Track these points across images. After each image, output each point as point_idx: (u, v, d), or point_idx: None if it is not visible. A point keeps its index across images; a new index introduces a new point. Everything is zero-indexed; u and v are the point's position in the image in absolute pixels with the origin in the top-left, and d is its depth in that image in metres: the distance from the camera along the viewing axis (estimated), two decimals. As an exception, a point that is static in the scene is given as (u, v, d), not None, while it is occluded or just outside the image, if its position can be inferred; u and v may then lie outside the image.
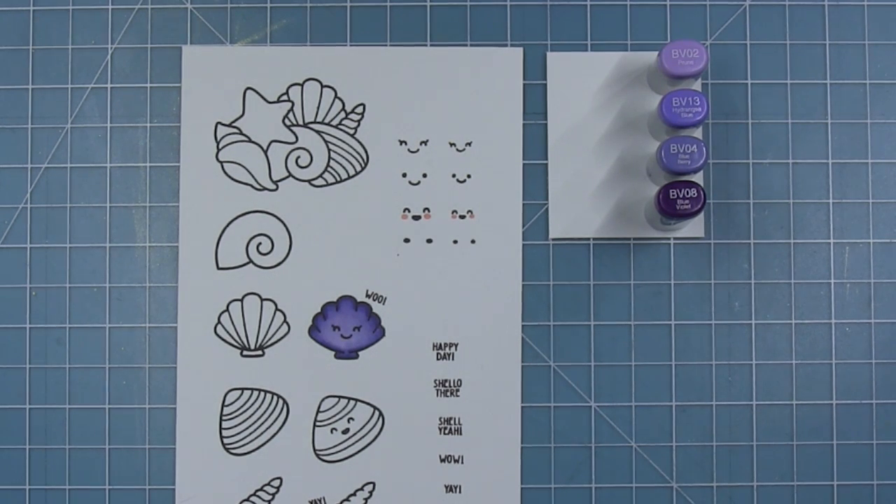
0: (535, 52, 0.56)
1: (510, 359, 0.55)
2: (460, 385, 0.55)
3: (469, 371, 0.55)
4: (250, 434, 0.55)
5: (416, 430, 0.55)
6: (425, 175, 0.55)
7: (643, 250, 0.55)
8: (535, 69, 0.56)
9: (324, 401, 0.55)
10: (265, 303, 0.55)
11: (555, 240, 0.55)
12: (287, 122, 0.56)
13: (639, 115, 0.55)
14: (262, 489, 0.55)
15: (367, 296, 0.55)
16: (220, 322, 0.55)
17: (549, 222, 0.55)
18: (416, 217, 0.55)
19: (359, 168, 0.55)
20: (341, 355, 0.55)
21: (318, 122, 0.56)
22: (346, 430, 0.55)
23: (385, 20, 0.56)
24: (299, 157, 0.56)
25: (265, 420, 0.55)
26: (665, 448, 0.55)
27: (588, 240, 0.55)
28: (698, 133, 0.55)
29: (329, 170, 0.55)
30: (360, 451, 0.55)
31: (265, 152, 0.56)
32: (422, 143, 0.55)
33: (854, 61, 0.56)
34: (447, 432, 0.55)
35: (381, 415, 0.55)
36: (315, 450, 0.55)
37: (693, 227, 0.55)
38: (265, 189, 0.55)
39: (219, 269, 0.55)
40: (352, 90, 0.56)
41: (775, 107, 0.56)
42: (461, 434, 0.55)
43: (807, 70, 0.56)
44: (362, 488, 0.55)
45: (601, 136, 0.55)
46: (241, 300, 0.55)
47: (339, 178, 0.55)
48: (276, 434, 0.55)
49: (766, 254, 0.55)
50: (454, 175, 0.55)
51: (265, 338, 0.55)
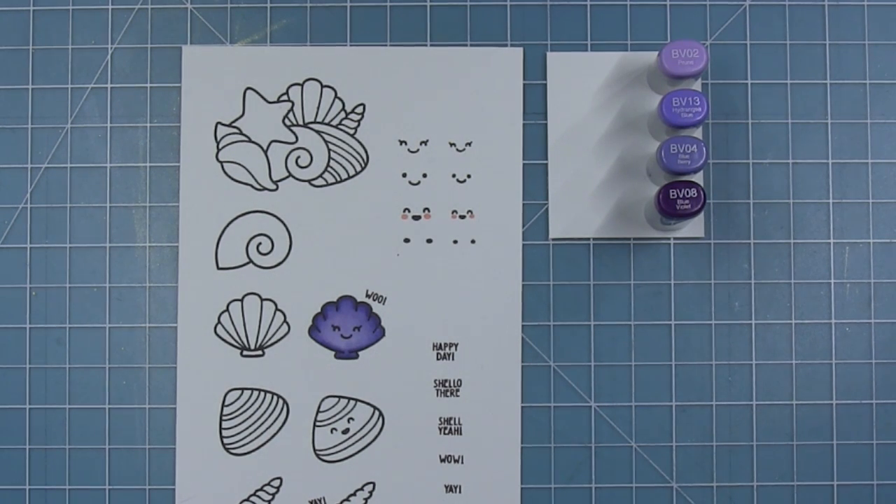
0: (535, 52, 0.56)
1: (510, 359, 0.55)
2: (460, 385, 0.55)
3: (469, 371, 0.55)
4: (250, 434, 0.55)
5: (416, 430, 0.55)
6: (425, 175, 0.55)
7: (643, 250, 0.55)
8: (535, 69, 0.56)
9: (324, 401, 0.55)
10: (265, 303, 0.55)
11: (555, 240, 0.55)
12: (287, 122, 0.56)
13: (639, 115, 0.55)
14: (262, 489, 0.55)
15: (367, 296, 0.55)
16: (220, 322, 0.55)
17: (549, 222, 0.55)
18: (416, 217, 0.55)
19: (359, 168, 0.55)
20: (341, 355, 0.55)
21: (318, 122, 0.56)
22: (346, 430, 0.55)
23: (385, 20, 0.56)
24: (299, 157, 0.56)
25: (265, 420, 0.55)
26: (665, 448, 0.55)
27: (588, 240, 0.55)
28: (698, 133, 0.55)
29: (329, 170, 0.55)
30: (360, 451, 0.55)
31: (265, 152, 0.56)
32: (422, 143, 0.55)
33: (854, 61, 0.56)
34: (447, 432, 0.55)
35: (381, 415, 0.55)
36: (315, 450, 0.55)
37: (693, 227, 0.55)
38: (265, 189, 0.55)
39: (219, 269, 0.55)
40: (352, 90, 0.56)
41: (775, 107, 0.56)
42: (461, 434, 0.55)
43: (807, 70, 0.56)
44: (362, 488, 0.55)
45: (601, 136, 0.55)
46: (241, 300, 0.55)
47: (339, 178, 0.55)
48: (276, 434, 0.55)
49: (766, 254, 0.55)
50: (454, 175, 0.55)
51: (265, 338, 0.55)
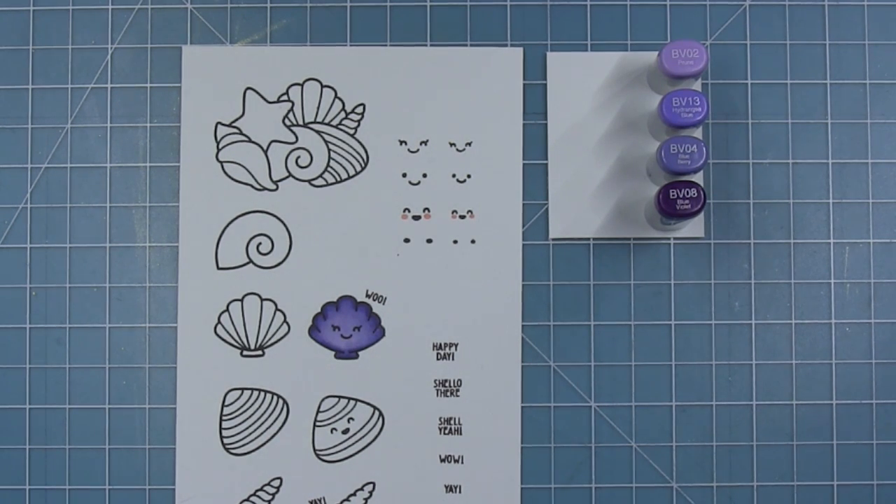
0: (535, 52, 0.56)
1: (510, 359, 0.55)
2: (460, 385, 0.55)
3: (469, 371, 0.55)
4: (250, 434, 0.55)
5: (416, 430, 0.55)
6: (425, 175, 0.55)
7: (643, 250, 0.55)
8: (535, 69, 0.56)
9: (324, 401, 0.55)
10: (265, 303, 0.55)
11: (555, 240, 0.55)
12: (287, 122, 0.56)
13: (639, 115, 0.55)
14: (262, 489, 0.55)
15: (367, 296, 0.55)
16: (220, 322, 0.55)
17: (549, 222, 0.55)
18: (416, 217, 0.55)
19: (359, 168, 0.55)
20: (341, 355, 0.55)
21: (318, 122, 0.56)
22: (346, 430, 0.55)
23: (385, 20, 0.56)
24: (299, 157, 0.56)
25: (265, 420, 0.55)
26: (665, 448, 0.55)
27: (588, 240, 0.55)
28: (698, 133, 0.55)
29: (329, 170, 0.55)
30: (360, 451, 0.55)
31: (265, 152, 0.56)
32: (422, 143, 0.55)
33: (854, 61, 0.56)
34: (447, 432, 0.55)
35: (381, 415, 0.55)
36: (315, 450, 0.55)
37: (693, 227, 0.55)
38: (265, 189, 0.55)
39: (219, 269, 0.55)
40: (352, 90, 0.56)
41: (775, 107, 0.56)
42: (461, 434, 0.55)
43: (807, 70, 0.56)
44: (362, 488, 0.55)
45: (601, 136, 0.55)
46: (241, 300, 0.55)
47: (339, 178, 0.55)
48: (276, 434, 0.55)
49: (766, 254, 0.55)
50: (454, 175, 0.55)
51: (265, 338, 0.55)
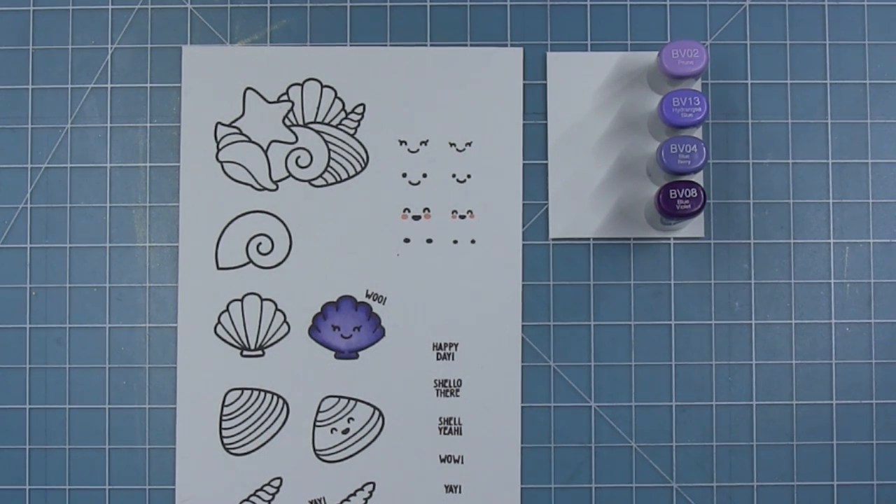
0: (535, 52, 0.56)
1: (510, 359, 0.55)
2: (460, 385, 0.55)
3: (469, 371, 0.55)
4: (250, 434, 0.55)
5: (416, 430, 0.55)
6: (425, 175, 0.55)
7: (643, 250, 0.55)
8: (535, 69, 0.56)
9: (324, 401, 0.55)
10: (265, 303, 0.55)
11: (555, 240, 0.55)
12: (287, 122, 0.56)
13: (639, 115, 0.55)
14: (262, 489, 0.55)
15: (367, 296, 0.55)
16: (220, 322, 0.55)
17: (549, 222, 0.55)
18: (416, 217, 0.55)
19: (359, 168, 0.55)
20: (341, 355, 0.55)
21: (318, 122, 0.56)
22: (346, 430, 0.55)
23: (385, 20, 0.56)
24: (299, 157, 0.56)
25: (265, 420, 0.55)
26: (665, 448, 0.55)
27: (588, 240, 0.55)
28: (698, 133, 0.55)
29: (329, 170, 0.55)
30: (360, 451, 0.55)
31: (265, 152, 0.56)
32: (422, 143, 0.55)
33: (854, 61, 0.56)
34: (447, 432, 0.55)
35: (381, 415, 0.55)
36: (315, 450, 0.55)
37: (693, 227, 0.55)
38: (265, 189, 0.55)
39: (219, 269, 0.55)
40: (352, 90, 0.56)
41: (775, 107, 0.56)
42: (461, 434, 0.55)
43: (807, 70, 0.56)
44: (362, 488, 0.55)
45: (601, 136, 0.55)
46: (241, 300, 0.55)
47: (339, 178, 0.55)
48: (276, 434, 0.55)
49: (766, 254, 0.55)
50: (454, 175, 0.55)
51: (265, 338, 0.55)
